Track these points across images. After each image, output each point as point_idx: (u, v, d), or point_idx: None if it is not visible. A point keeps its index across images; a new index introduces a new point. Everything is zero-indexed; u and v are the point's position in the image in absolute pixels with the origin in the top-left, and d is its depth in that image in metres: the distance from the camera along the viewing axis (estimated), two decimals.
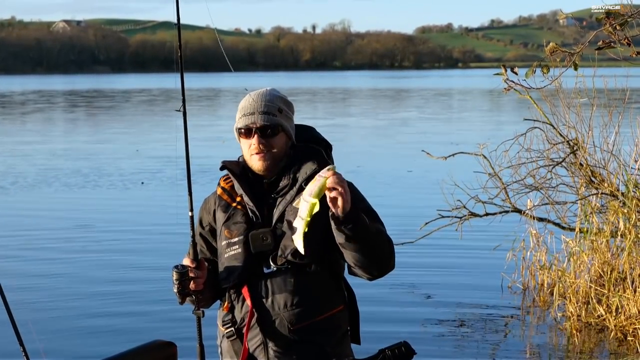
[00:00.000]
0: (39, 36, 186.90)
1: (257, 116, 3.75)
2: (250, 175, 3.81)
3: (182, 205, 3.83)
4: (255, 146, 3.74)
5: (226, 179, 3.89)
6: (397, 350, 3.58)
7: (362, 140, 27.98)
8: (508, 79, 5.31)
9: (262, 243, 3.66)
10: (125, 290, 10.23)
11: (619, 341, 8.14)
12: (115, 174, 20.62)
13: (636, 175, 9.20)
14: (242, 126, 3.78)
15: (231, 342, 3.77)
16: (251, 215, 3.75)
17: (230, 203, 3.81)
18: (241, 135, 3.80)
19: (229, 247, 3.74)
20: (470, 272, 10.83)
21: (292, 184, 3.75)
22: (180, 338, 4.87)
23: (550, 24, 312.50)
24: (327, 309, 3.71)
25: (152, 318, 9.10)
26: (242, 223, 3.74)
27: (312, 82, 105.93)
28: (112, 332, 8.68)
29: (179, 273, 3.64)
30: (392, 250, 3.66)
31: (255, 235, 3.68)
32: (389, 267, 3.66)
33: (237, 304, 3.77)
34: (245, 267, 3.69)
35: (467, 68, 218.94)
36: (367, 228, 3.48)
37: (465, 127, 33.78)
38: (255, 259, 3.69)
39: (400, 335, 8.36)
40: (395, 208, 14.85)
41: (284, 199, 3.74)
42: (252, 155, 3.76)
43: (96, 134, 33.30)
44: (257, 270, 3.70)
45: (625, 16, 4.83)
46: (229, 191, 3.84)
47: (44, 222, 14.75)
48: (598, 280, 8.92)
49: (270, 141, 3.74)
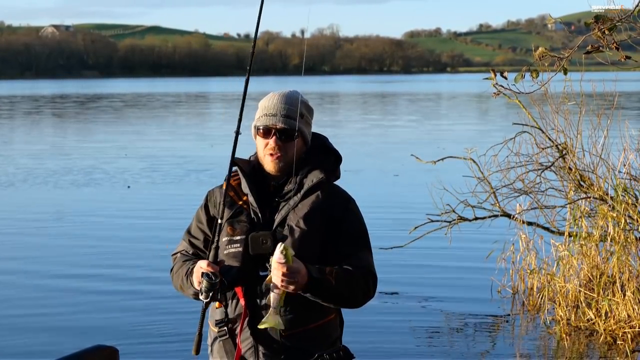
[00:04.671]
0: (28, 41, 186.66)
1: (279, 118, 3.76)
2: (260, 175, 3.83)
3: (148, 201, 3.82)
4: (272, 147, 3.75)
5: (235, 176, 3.89)
6: (335, 354, 3.63)
7: (350, 145, 27.94)
8: (497, 83, 5.30)
9: (261, 246, 3.67)
10: (71, 291, 10.38)
11: (608, 345, 8.14)
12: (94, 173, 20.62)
13: (625, 179, 9.22)
14: (261, 125, 3.79)
15: (223, 342, 3.77)
16: (253, 216, 3.77)
17: (237, 201, 3.82)
18: (259, 134, 3.81)
19: (229, 245, 3.75)
20: (460, 277, 10.83)
21: (298, 189, 3.77)
22: (123, 343, 4.84)
23: (539, 28, 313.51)
24: (320, 317, 3.72)
25: (97, 319, 9.19)
26: (246, 223, 3.76)
27: (300, 87, 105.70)
28: (55, 332, 8.76)
29: (211, 284, 3.59)
30: (369, 287, 3.71)
31: (255, 237, 3.68)
32: (365, 301, 3.74)
33: (231, 303, 3.77)
34: (242, 267, 3.70)
35: (456, 72, 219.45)
36: (329, 289, 3.57)
37: (454, 131, 33.81)
38: (253, 260, 3.70)
39: (389, 340, 8.35)
40: (384, 212, 14.85)
41: (287, 203, 3.76)
42: (267, 155, 3.78)
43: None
44: (254, 272, 3.70)
45: (614, 20, 4.83)
46: (236, 189, 3.85)
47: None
48: (587, 284, 8.93)
49: (286, 145, 3.76)
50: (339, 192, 3.85)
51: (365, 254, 3.76)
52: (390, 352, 8.00)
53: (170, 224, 14.02)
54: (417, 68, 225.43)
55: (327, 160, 3.86)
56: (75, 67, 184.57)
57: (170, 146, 28.63)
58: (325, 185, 3.79)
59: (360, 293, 3.68)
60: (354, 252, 3.72)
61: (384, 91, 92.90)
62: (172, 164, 23.39)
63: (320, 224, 3.68)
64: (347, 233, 3.74)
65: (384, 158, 24.46)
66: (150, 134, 34.51)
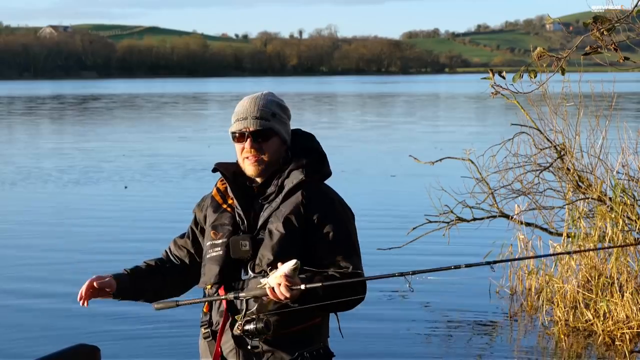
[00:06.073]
0: (26, 42, 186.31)
1: (250, 121, 3.76)
2: (243, 178, 3.83)
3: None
4: (248, 150, 3.75)
5: (222, 179, 3.90)
6: (315, 352, 3.63)
7: (348, 145, 27.94)
8: (496, 83, 5.30)
9: (241, 249, 3.68)
10: (54, 290, 10.38)
11: (606, 346, 8.14)
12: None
13: (623, 180, 9.22)
14: (235, 130, 3.79)
15: (207, 343, 3.79)
16: (238, 220, 3.77)
17: (221, 204, 3.83)
18: (234, 140, 3.82)
19: (211, 249, 3.77)
20: (458, 277, 10.81)
21: (279, 191, 3.75)
22: (105, 342, 4.82)
23: (537, 29, 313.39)
24: (303, 320, 3.67)
25: (80, 319, 9.17)
26: (228, 226, 3.76)
27: (298, 88, 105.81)
28: (38, 331, 8.76)
29: None
30: (356, 291, 3.63)
31: (235, 241, 3.70)
32: (355, 304, 3.67)
33: (215, 306, 3.78)
34: (223, 271, 3.71)
35: (454, 73, 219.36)
36: (317, 300, 3.54)
37: (452, 132, 33.79)
38: (235, 263, 3.71)
39: (387, 341, 8.34)
40: (383, 213, 14.84)
41: (269, 205, 3.75)
42: (245, 159, 3.78)
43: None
44: (236, 275, 3.71)
45: (612, 21, 4.83)
46: (222, 193, 3.87)
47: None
48: (586, 285, 8.92)
49: (262, 146, 3.75)
50: (322, 192, 3.77)
51: (350, 255, 3.69)
52: (388, 352, 7.99)
53: (164, 225, 13.99)
54: (415, 69, 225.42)
55: (309, 160, 3.80)
56: (74, 67, 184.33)
57: (169, 146, 28.62)
58: (307, 185, 3.73)
59: (347, 298, 3.59)
60: (338, 255, 3.66)
61: (382, 92, 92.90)
62: (170, 163, 23.38)
63: (300, 227, 3.65)
64: (330, 236, 3.68)
65: (382, 159, 24.44)
66: (148, 134, 34.48)
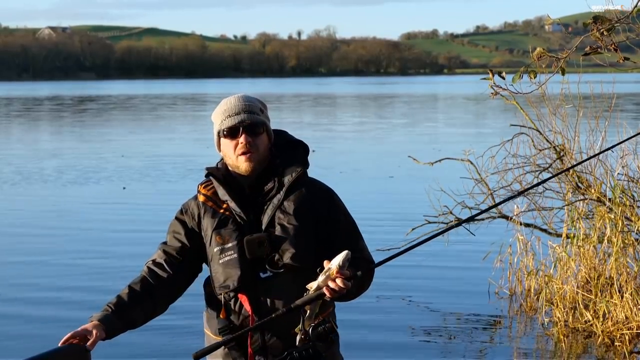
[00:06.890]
0: (25, 43, 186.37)
1: (244, 115, 3.75)
2: (232, 180, 3.80)
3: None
4: (243, 144, 3.73)
5: (205, 185, 3.87)
6: (305, 352, 3.61)
7: (347, 146, 27.95)
8: (495, 84, 5.29)
9: (259, 248, 3.66)
10: (48, 291, 10.36)
11: (606, 347, 8.13)
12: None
13: (623, 181, 9.21)
14: (227, 127, 3.77)
15: (229, 349, 3.73)
16: (239, 221, 3.74)
17: (217, 209, 3.79)
18: (226, 137, 3.78)
19: (223, 253, 3.72)
20: (457, 278, 10.81)
21: (279, 187, 3.75)
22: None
23: (536, 30, 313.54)
24: (322, 311, 3.68)
25: (71, 321, 9.16)
26: (233, 229, 3.73)
27: (297, 88, 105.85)
28: (29, 334, 8.72)
29: None
30: (373, 275, 3.76)
31: (251, 241, 3.67)
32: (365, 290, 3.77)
33: (235, 310, 3.74)
34: (242, 273, 3.68)
35: (453, 74, 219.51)
36: (358, 282, 3.56)
37: (451, 132, 33.79)
38: (251, 264, 3.68)
39: (386, 341, 8.34)
40: (382, 214, 14.83)
41: (271, 202, 3.74)
42: (239, 155, 3.75)
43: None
44: (254, 276, 3.69)
45: (612, 21, 4.82)
46: (212, 198, 3.82)
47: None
48: (585, 286, 8.91)
49: (256, 140, 3.75)
50: (319, 186, 3.85)
51: (361, 243, 3.83)
52: (387, 353, 7.98)
53: (163, 225, 13.90)
54: (414, 70, 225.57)
55: (298, 153, 3.86)
56: (72, 68, 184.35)
57: (168, 147, 28.60)
58: (305, 179, 3.80)
59: (369, 284, 3.75)
60: (353, 241, 3.76)
61: (381, 93, 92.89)
62: (168, 164, 23.37)
63: (311, 220, 3.70)
64: (340, 228, 3.78)
65: (381, 159, 24.43)
66: (147, 135, 34.48)
